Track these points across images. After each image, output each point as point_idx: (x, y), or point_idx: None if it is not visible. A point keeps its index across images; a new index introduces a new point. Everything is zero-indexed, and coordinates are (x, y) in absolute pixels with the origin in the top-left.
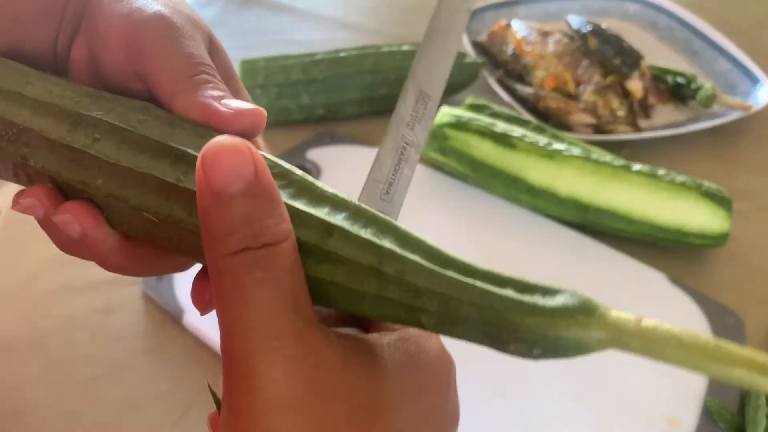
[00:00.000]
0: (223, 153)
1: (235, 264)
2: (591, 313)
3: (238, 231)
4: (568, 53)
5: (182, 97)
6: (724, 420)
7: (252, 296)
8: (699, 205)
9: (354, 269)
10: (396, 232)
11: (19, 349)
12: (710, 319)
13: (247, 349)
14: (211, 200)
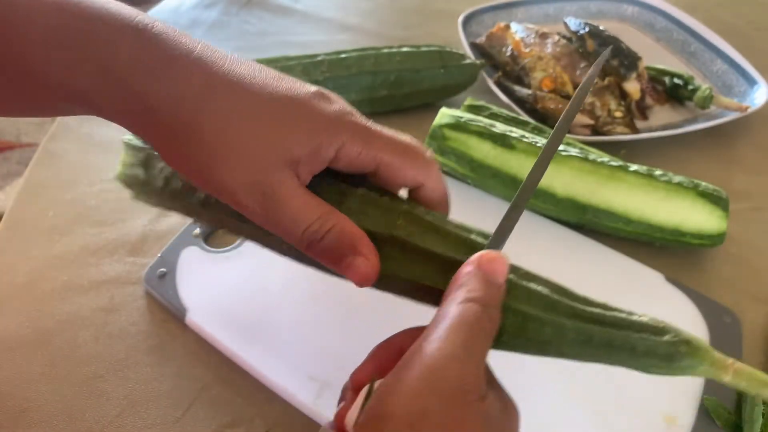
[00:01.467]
0: (499, 259)
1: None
2: (701, 351)
3: (487, 295)
4: (566, 55)
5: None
6: (721, 418)
7: (468, 330)
8: (696, 205)
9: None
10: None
11: (22, 348)
12: (707, 318)
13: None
14: (485, 282)
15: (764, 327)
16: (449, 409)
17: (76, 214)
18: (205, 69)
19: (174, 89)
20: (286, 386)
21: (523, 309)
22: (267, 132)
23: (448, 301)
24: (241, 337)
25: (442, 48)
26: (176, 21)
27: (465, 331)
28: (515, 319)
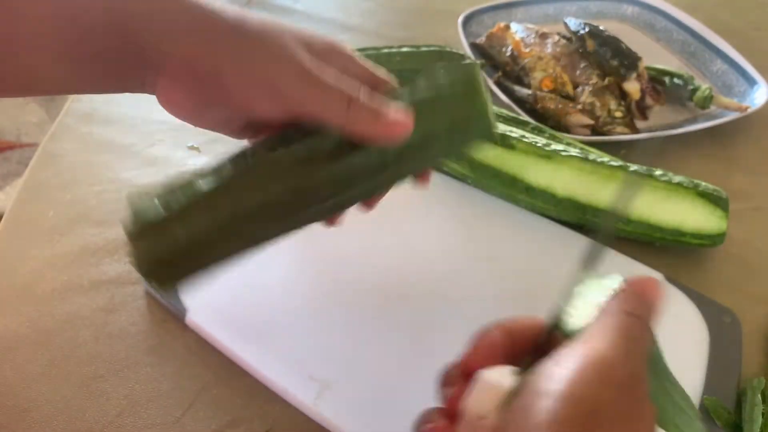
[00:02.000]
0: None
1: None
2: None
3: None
4: (566, 55)
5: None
6: (721, 418)
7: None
8: (696, 205)
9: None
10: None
11: (22, 348)
12: (707, 318)
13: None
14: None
15: (764, 327)
16: (625, 398)
17: (77, 214)
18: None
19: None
20: (286, 386)
21: None
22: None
23: (605, 312)
24: (241, 337)
25: (442, 48)
26: None
27: (628, 339)
28: None
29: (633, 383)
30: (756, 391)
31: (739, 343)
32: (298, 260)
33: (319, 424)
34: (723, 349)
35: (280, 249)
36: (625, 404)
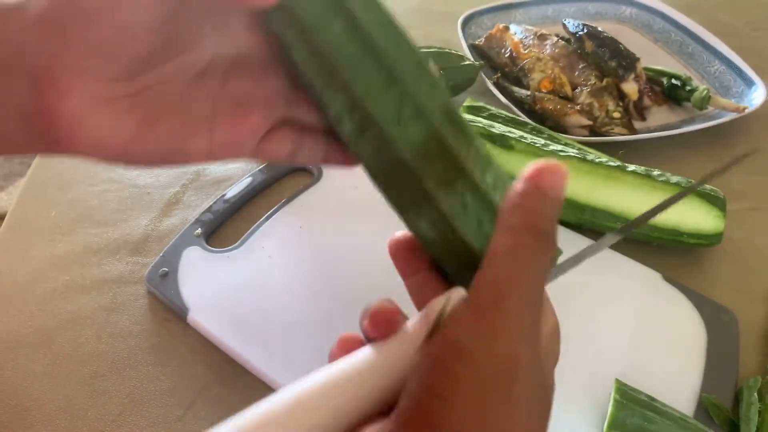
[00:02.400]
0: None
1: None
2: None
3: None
4: (564, 56)
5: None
6: (719, 416)
7: (523, 256)
8: (694, 205)
9: None
10: None
11: (24, 347)
12: (705, 317)
13: (516, 294)
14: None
15: (761, 326)
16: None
17: (78, 213)
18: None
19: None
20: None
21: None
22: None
23: (505, 222)
24: (242, 337)
25: (441, 49)
26: None
27: (518, 271)
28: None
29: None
30: (752, 390)
31: (737, 342)
32: (299, 260)
33: None
34: (720, 348)
35: (281, 249)
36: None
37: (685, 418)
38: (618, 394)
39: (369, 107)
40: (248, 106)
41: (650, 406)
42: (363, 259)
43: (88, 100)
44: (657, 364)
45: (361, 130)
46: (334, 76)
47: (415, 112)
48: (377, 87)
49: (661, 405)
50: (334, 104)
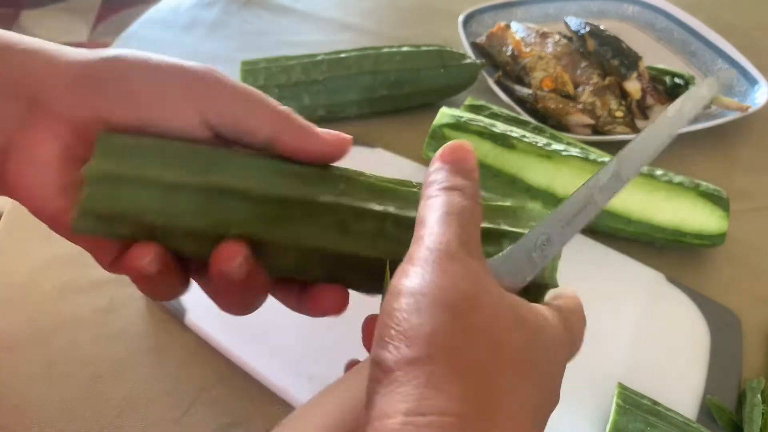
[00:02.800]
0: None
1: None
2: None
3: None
4: (566, 54)
5: (286, 137)
6: (722, 418)
7: (448, 212)
8: (697, 205)
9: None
10: None
11: (21, 348)
12: (708, 318)
13: (442, 240)
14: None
15: (765, 327)
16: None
17: None
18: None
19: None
20: (286, 386)
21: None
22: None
23: (424, 197)
24: (240, 338)
25: (442, 48)
26: (176, 20)
27: (455, 221)
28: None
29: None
30: (755, 391)
31: (740, 343)
32: None
33: None
34: (724, 349)
35: None
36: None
37: (688, 422)
38: (620, 398)
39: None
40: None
41: (653, 411)
42: None
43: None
44: (660, 366)
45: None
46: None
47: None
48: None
49: (664, 409)
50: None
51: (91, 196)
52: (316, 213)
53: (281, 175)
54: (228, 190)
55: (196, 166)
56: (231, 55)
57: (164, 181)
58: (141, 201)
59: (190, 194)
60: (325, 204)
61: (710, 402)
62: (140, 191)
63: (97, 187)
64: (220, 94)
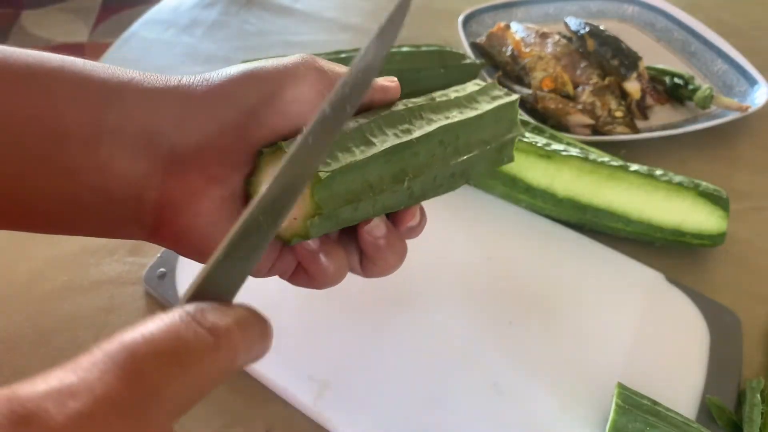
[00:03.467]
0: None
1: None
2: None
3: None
4: (566, 54)
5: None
6: (722, 418)
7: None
8: (696, 205)
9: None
10: None
11: (22, 348)
12: (708, 318)
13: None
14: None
15: (765, 327)
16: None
17: None
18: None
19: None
20: (286, 386)
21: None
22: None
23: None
24: None
25: (442, 48)
26: (176, 21)
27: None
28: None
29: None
30: (755, 391)
31: (740, 343)
32: None
33: (319, 424)
34: (724, 349)
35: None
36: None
37: (688, 422)
38: (620, 398)
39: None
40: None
41: (652, 411)
42: None
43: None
44: (659, 366)
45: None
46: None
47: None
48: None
49: (664, 409)
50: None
51: (323, 203)
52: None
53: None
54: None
55: (381, 142)
56: (231, 55)
57: (362, 163)
58: (355, 186)
59: (379, 163)
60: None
61: (710, 402)
62: (351, 180)
63: (325, 195)
64: (332, 75)
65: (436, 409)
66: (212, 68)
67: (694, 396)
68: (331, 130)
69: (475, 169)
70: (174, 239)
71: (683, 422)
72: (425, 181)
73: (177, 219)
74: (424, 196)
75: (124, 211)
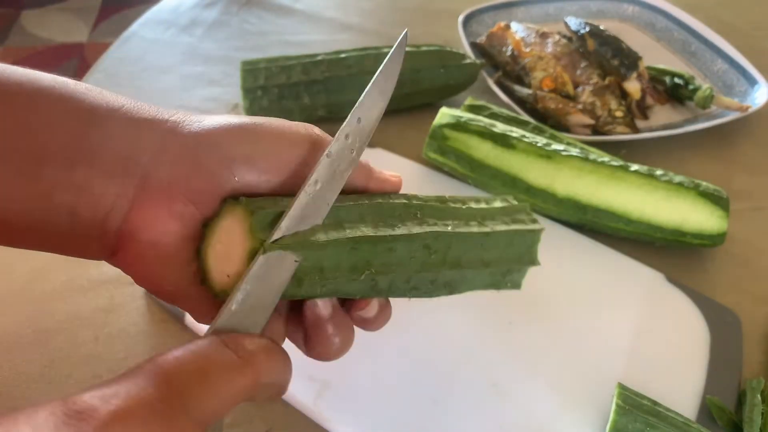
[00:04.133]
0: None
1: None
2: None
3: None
4: (566, 54)
5: (372, 185)
6: (722, 418)
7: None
8: (697, 205)
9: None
10: None
11: (21, 348)
12: (708, 318)
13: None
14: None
15: (765, 327)
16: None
17: None
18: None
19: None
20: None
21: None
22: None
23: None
24: None
25: (442, 48)
26: (176, 21)
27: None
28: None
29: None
30: (755, 391)
31: (740, 343)
32: None
33: (319, 424)
34: (724, 349)
35: None
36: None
37: (688, 422)
38: (620, 399)
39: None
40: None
41: (653, 411)
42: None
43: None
44: (660, 366)
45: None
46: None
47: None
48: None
49: (664, 410)
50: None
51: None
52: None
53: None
54: (365, 240)
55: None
56: (231, 55)
57: (316, 245)
58: (312, 259)
59: (340, 250)
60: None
61: (710, 402)
62: (312, 252)
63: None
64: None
65: (436, 409)
66: (212, 68)
67: (694, 396)
68: (334, 178)
69: (466, 285)
70: (129, 265)
71: (683, 422)
72: (396, 280)
73: (135, 246)
74: (391, 293)
75: (89, 231)
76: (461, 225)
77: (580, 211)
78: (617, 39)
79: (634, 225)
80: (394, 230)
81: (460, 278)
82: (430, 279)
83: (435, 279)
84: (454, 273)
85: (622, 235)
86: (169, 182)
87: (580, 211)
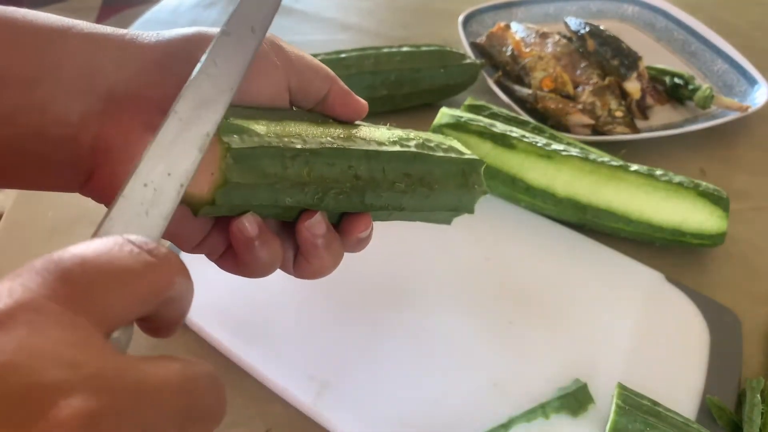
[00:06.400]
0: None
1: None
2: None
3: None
4: (566, 54)
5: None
6: (722, 418)
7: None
8: (696, 205)
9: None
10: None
11: None
12: (708, 318)
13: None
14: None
15: (765, 327)
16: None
17: (76, 214)
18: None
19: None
20: (286, 386)
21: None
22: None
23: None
24: (241, 338)
25: (442, 48)
26: (176, 21)
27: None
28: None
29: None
30: (755, 391)
31: (740, 343)
32: None
33: (319, 424)
34: (724, 349)
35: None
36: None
37: (688, 422)
38: (620, 399)
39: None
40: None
41: (653, 411)
42: (361, 258)
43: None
44: (659, 366)
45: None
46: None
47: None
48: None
49: (664, 410)
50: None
51: (235, 172)
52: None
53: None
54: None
55: (309, 137)
56: None
57: (290, 151)
58: (270, 171)
59: (305, 159)
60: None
61: (710, 402)
62: (268, 164)
63: (238, 164)
64: (297, 62)
65: (436, 409)
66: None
67: (694, 396)
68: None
69: (413, 204)
70: (105, 188)
71: (683, 422)
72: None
73: (111, 164)
74: (375, 193)
75: (60, 155)
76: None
77: (580, 211)
78: (617, 39)
79: (634, 225)
80: (332, 145)
81: (401, 196)
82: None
83: (371, 192)
84: (394, 191)
85: (622, 235)
86: (138, 93)
87: (580, 211)
